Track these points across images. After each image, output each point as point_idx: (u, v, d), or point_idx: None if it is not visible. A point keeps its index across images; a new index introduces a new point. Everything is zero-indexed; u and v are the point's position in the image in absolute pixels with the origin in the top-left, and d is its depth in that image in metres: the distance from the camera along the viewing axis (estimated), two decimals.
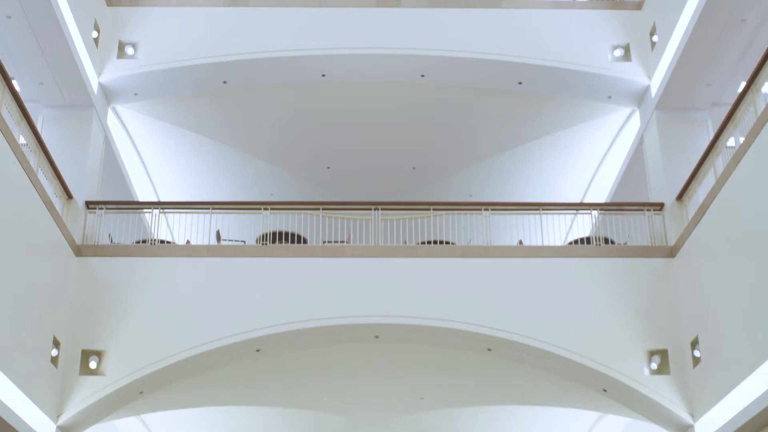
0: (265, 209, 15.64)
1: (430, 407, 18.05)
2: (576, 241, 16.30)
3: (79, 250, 14.59)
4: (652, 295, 14.55)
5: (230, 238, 17.19)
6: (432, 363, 15.61)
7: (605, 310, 14.44)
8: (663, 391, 13.95)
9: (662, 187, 15.55)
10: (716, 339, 13.13)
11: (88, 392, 13.80)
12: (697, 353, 13.68)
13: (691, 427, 13.84)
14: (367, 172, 20.14)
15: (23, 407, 12.35)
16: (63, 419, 13.63)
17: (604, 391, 14.49)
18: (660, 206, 15.48)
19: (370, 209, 15.64)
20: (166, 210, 16.90)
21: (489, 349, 14.51)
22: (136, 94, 16.54)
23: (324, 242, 15.89)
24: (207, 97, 17.16)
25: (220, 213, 16.23)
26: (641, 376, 14.01)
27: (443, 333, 14.29)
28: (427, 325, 14.17)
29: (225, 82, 16.57)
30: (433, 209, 16.00)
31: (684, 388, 13.98)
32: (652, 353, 14.16)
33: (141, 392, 14.33)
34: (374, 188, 20.28)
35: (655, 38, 15.89)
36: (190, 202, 17.85)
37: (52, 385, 13.49)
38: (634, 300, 14.45)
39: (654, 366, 14.04)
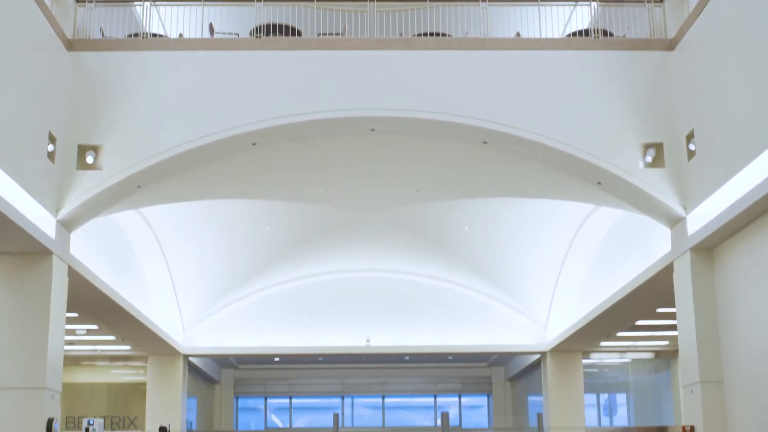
0: (258, 0, 15.22)
1: (426, 199, 18.26)
2: (574, 34, 15.97)
3: (71, 45, 14.28)
4: (650, 88, 14.39)
5: (223, 32, 16.80)
6: (427, 156, 15.61)
7: (602, 103, 14.33)
8: (657, 184, 14.06)
9: None
10: (711, 132, 13.15)
11: (85, 187, 13.88)
12: (692, 146, 13.72)
13: (683, 219, 14.06)
14: None
15: (23, 203, 12.50)
16: (62, 214, 13.79)
17: (599, 183, 14.57)
18: None
19: (366, 0, 15.23)
20: (157, 2, 16.43)
21: (485, 142, 14.46)
22: None
23: (318, 34, 15.58)
24: None
25: (213, 5, 15.81)
26: (636, 169, 14.08)
27: (439, 126, 14.20)
28: (423, 117, 14.06)
29: None
30: (430, 0, 15.59)
31: (678, 181, 14.09)
32: (647, 146, 14.17)
33: (138, 186, 14.41)
34: None
35: None
36: None
37: (50, 181, 13.57)
38: (631, 93, 14.31)
39: (649, 159, 14.09)
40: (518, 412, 29.23)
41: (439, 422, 25.92)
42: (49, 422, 14.02)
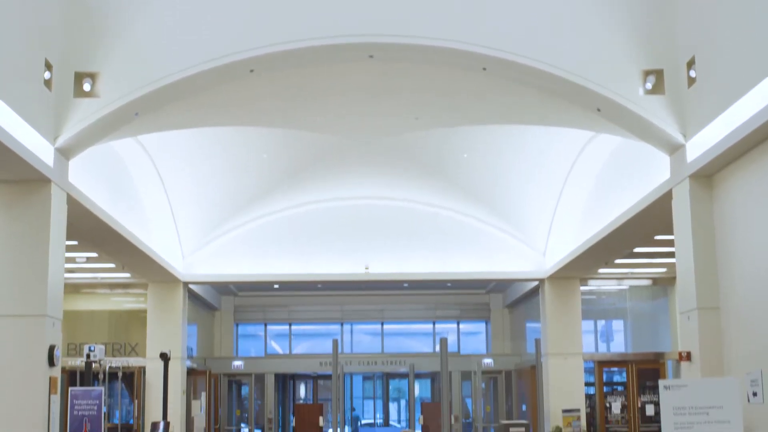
0: None
1: (425, 126, 18.19)
2: None
3: None
4: (651, 14, 14.22)
5: None
6: (427, 83, 15.50)
7: (602, 29, 14.18)
8: (656, 111, 14.01)
9: None
10: (712, 59, 13.06)
11: (83, 114, 13.81)
12: (692, 73, 13.61)
13: (682, 146, 14.04)
14: None
15: (21, 131, 12.46)
16: (60, 141, 13.75)
17: (598, 110, 14.50)
18: None
19: None
20: None
21: (484, 69, 14.33)
22: None
23: None
24: None
25: None
26: (636, 96, 14.01)
27: (438, 52, 14.05)
28: (422, 44, 13.91)
29: None
30: None
31: (677, 108, 14.04)
32: (647, 73, 14.07)
33: (136, 114, 14.34)
34: None
35: None
36: None
37: (47, 109, 13.49)
38: (631, 19, 14.14)
39: (649, 86, 14.00)
40: (516, 339, 29.49)
41: (437, 348, 26.16)
42: (51, 349, 14.15)
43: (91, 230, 17.15)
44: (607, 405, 23.76)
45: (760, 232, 12.65)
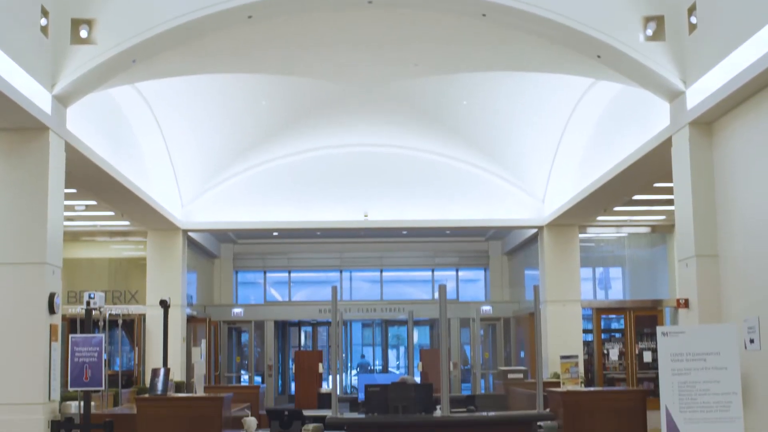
0: None
1: (424, 73, 18.09)
2: None
3: None
4: None
5: None
6: (426, 29, 15.37)
7: None
8: (657, 58, 13.93)
9: None
10: (713, 6, 12.96)
11: (80, 61, 13.74)
12: (693, 20, 13.52)
13: (682, 93, 13.97)
14: None
15: (17, 78, 12.40)
16: (57, 89, 13.69)
17: (598, 57, 14.41)
18: None
19: None
20: None
21: (483, 15, 14.21)
22: None
23: None
24: None
25: None
26: (636, 42, 13.92)
27: None
28: None
29: None
30: None
31: (678, 55, 13.96)
32: (648, 19, 13.96)
33: (134, 61, 14.26)
34: None
35: None
36: None
37: (44, 56, 13.41)
38: None
39: (649, 32, 13.91)
40: (515, 286, 29.61)
41: (436, 295, 26.27)
42: (51, 297, 14.21)
43: (89, 178, 17.13)
44: (605, 352, 23.93)
45: (760, 180, 12.64)
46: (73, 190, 17.87)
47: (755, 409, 12.69)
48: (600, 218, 23.36)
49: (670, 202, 17.68)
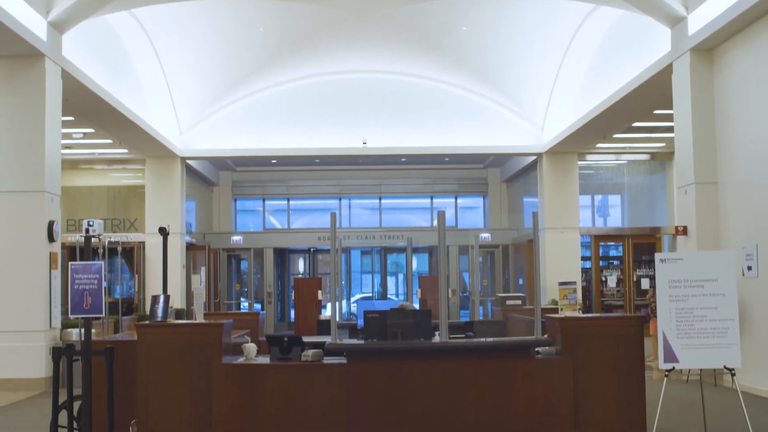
0: None
1: None
2: None
3: None
4: None
5: None
6: None
7: None
8: None
9: None
10: None
11: None
12: None
13: (683, 18, 13.84)
14: None
15: (13, 5, 12.30)
16: (53, 15, 13.56)
17: None
18: None
19: None
20: None
21: None
22: None
23: None
24: None
25: None
26: None
27: None
28: None
29: None
30: None
31: None
32: None
33: None
34: None
35: None
36: None
37: None
38: None
39: None
40: (514, 213, 29.64)
41: (435, 223, 26.32)
42: (50, 225, 14.23)
43: (86, 105, 17.03)
44: (603, 279, 24.05)
45: (761, 107, 12.58)
46: (71, 118, 17.79)
47: (752, 336, 12.80)
48: (599, 145, 23.29)
49: (669, 129, 17.65)
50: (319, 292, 24.68)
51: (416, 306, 13.70)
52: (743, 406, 8.37)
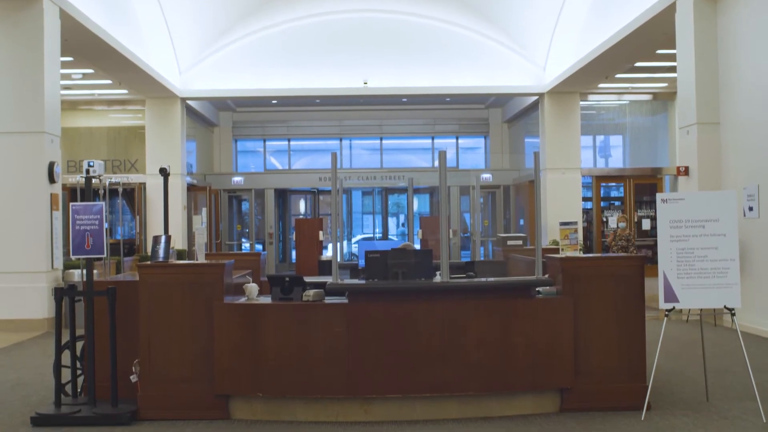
0: None
1: None
2: None
3: None
4: None
5: None
6: None
7: None
8: None
9: None
10: None
11: None
12: None
13: None
14: None
15: None
16: None
17: None
18: None
19: None
20: None
21: None
22: None
23: None
24: None
25: None
26: None
27: None
28: None
29: None
30: None
31: None
32: None
33: None
34: None
35: None
36: None
37: None
38: None
39: None
40: (515, 154, 29.58)
41: (436, 163, 26.24)
42: (50, 166, 14.20)
43: (85, 46, 16.91)
44: (604, 219, 24.08)
45: (764, 47, 12.48)
46: (70, 59, 17.67)
47: (752, 276, 12.83)
48: (601, 86, 23.17)
49: (672, 69, 17.53)
50: (320, 232, 24.70)
51: (417, 247, 13.71)
52: (743, 346, 8.41)
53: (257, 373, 8.00)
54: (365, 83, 23.40)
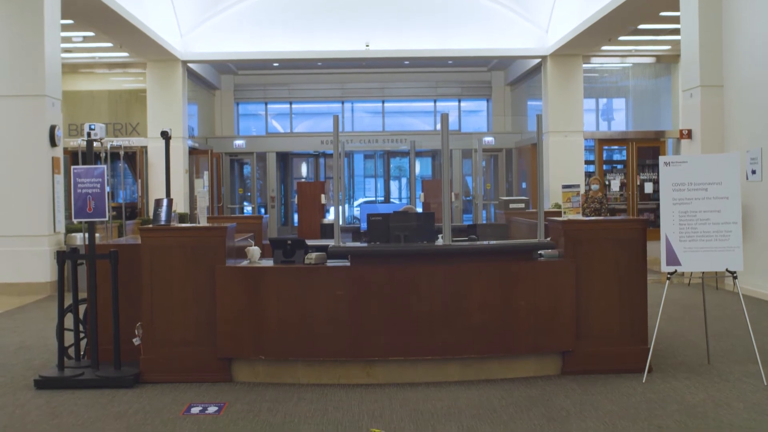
0: None
1: None
2: None
3: None
4: None
5: None
6: None
7: None
8: None
9: None
10: None
11: None
12: None
13: None
14: None
15: None
16: None
17: None
18: None
19: None
20: None
21: None
22: None
23: None
24: None
25: None
26: None
27: None
28: None
29: None
30: None
31: None
32: None
33: None
34: None
35: None
36: None
37: None
38: None
39: None
40: (517, 117, 29.48)
41: (438, 127, 26.18)
42: (52, 129, 14.17)
43: (86, 8, 16.80)
44: (607, 183, 24.05)
45: (767, 10, 12.39)
46: (71, 21, 17.58)
47: (754, 239, 12.83)
48: (604, 48, 23.05)
49: (676, 32, 17.42)
50: (322, 196, 24.71)
51: (419, 210, 13.70)
52: (744, 309, 8.43)
53: (259, 336, 8.02)
54: (367, 46, 23.28)
